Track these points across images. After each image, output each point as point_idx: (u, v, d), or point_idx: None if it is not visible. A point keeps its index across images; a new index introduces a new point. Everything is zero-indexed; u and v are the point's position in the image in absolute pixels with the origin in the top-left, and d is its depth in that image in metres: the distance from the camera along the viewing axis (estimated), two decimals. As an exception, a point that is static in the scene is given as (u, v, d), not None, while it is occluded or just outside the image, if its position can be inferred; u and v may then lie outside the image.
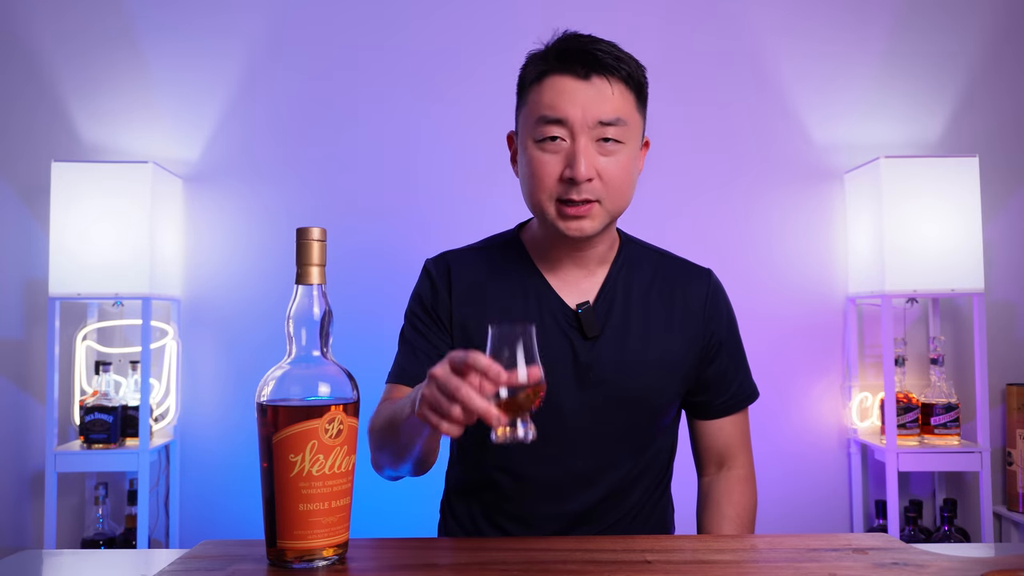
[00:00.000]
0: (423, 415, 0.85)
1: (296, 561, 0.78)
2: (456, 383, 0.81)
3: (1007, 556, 0.94)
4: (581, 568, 0.80)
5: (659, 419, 1.18)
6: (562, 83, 1.09)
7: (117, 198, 2.07)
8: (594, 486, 1.15)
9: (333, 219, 2.29)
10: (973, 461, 2.09)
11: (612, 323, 1.16)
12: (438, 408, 0.83)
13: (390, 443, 1.06)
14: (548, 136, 1.09)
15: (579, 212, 1.09)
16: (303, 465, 0.77)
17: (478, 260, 1.22)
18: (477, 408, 0.81)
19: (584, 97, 1.08)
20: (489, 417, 0.81)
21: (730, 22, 2.38)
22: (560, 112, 1.08)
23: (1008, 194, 2.36)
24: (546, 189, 1.10)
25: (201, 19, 2.34)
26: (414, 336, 1.19)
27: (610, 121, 1.08)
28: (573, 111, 1.08)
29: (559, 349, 1.13)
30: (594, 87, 1.09)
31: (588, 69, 1.09)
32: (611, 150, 1.09)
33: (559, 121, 1.08)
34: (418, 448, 1.01)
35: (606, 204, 1.10)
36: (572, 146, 1.08)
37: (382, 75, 2.35)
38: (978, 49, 2.37)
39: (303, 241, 0.81)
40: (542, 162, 1.09)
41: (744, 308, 1.28)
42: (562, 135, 1.09)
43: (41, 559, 1.00)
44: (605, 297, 1.17)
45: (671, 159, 2.32)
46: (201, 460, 2.29)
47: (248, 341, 2.30)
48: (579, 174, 1.06)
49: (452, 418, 0.82)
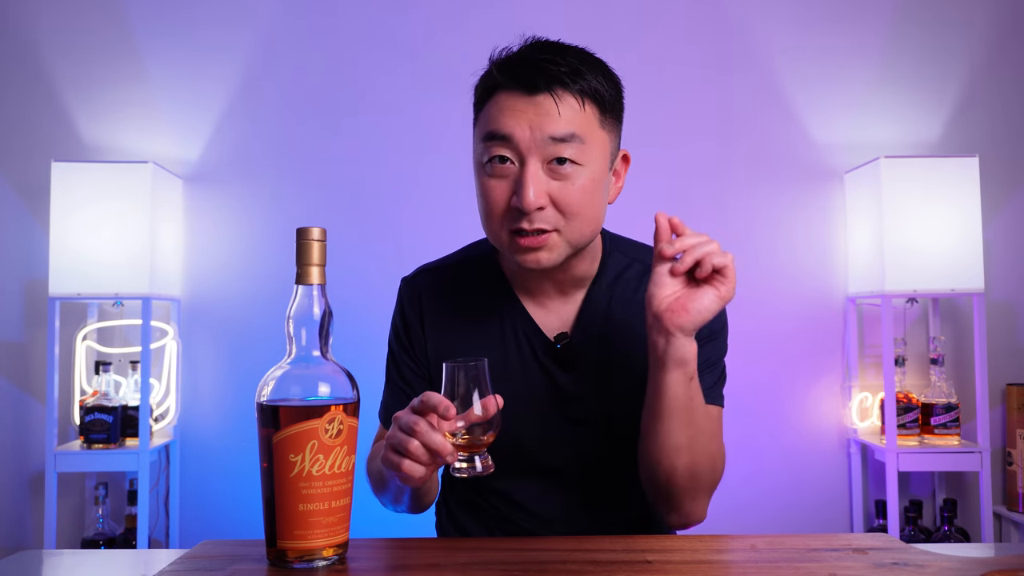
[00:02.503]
0: (387, 458, 0.87)
1: (296, 561, 0.78)
2: (414, 420, 0.84)
3: (1007, 556, 0.94)
4: (581, 568, 0.80)
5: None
6: (505, 99, 0.98)
7: (117, 198, 2.07)
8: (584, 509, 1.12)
9: (333, 219, 2.29)
10: (973, 461, 2.09)
11: (591, 354, 1.08)
12: (399, 447, 0.85)
13: (384, 491, 1.06)
14: (495, 156, 0.97)
15: (532, 243, 0.97)
16: (303, 465, 0.77)
17: (452, 280, 1.14)
18: (432, 443, 0.84)
19: (532, 113, 0.96)
20: (443, 452, 0.84)
21: (730, 22, 2.38)
22: (505, 128, 0.96)
23: (1008, 194, 2.36)
24: (496, 218, 0.99)
25: (201, 19, 2.34)
26: (393, 372, 1.17)
27: (563, 137, 0.95)
28: (519, 129, 0.96)
29: (538, 379, 1.08)
30: (542, 102, 0.96)
31: (535, 83, 0.96)
32: (566, 173, 0.96)
33: (504, 139, 0.96)
34: (410, 492, 1.01)
35: (565, 234, 0.98)
36: (520, 170, 0.96)
37: (382, 75, 2.35)
38: (978, 48, 2.37)
39: (303, 241, 0.81)
40: (489, 188, 0.98)
41: (744, 308, 1.27)
42: (510, 156, 0.97)
43: (41, 559, 1.00)
44: (585, 323, 1.09)
45: (670, 159, 2.32)
46: (201, 460, 2.29)
47: (248, 341, 2.30)
48: (526, 202, 0.94)
49: (412, 455, 0.85)
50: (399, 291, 1.18)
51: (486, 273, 1.13)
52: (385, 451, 0.88)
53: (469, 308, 1.12)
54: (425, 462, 0.85)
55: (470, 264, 1.15)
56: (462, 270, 1.15)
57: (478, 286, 1.13)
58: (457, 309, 1.12)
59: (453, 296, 1.13)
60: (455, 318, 1.12)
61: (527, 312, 1.10)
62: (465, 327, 1.11)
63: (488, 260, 1.14)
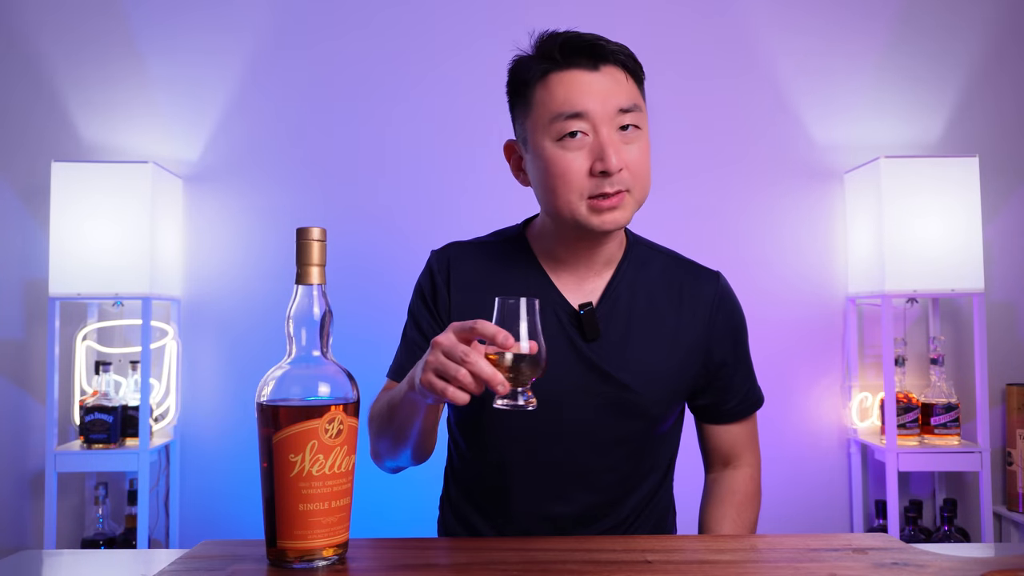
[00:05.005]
0: (428, 382, 0.88)
1: (296, 561, 0.78)
2: (464, 349, 0.86)
3: (1007, 556, 0.94)
4: (581, 568, 0.80)
5: (659, 423, 1.17)
6: (572, 76, 1.06)
7: (117, 198, 2.07)
8: (591, 489, 1.14)
9: (333, 219, 2.29)
10: (973, 461, 2.09)
11: (614, 326, 1.14)
12: (444, 374, 0.86)
13: (389, 427, 1.07)
14: (568, 132, 1.05)
15: (615, 203, 1.06)
16: (303, 465, 0.77)
17: (481, 254, 1.20)
18: (483, 372, 0.85)
19: (600, 88, 1.06)
20: (495, 382, 0.85)
21: (730, 21, 2.38)
22: (578, 106, 1.05)
23: (1008, 194, 2.36)
24: (576, 188, 1.06)
25: (201, 19, 2.34)
26: (414, 334, 1.19)
27: (628, 108, 1.07)
28: (592, 103, 1.05)
29: (560, 348, 1.12)
30: (607, 76, 1.07)
31: (596, 60, 1.07)
32: (632, 137, 1.08)
33: (578, 115, 1.05)
34: (417, 427, 1.01)
35: (634, 193, 1.08)
36: (596, 139, 1.05)
37: (383, 74, 2.35)
38: (978, 48, 2.37)
39: (303, 241, 0.81)
40: (567, 161, 1.06)
41: (744, 308, 1.27)
42: (583, 129, 1.06)
43: (41, 559, 1.00)
44: (609, 298, 1.15)
45: (670, 159, 2.32)
46: (201, 460, 2.29)
47: (248, 341, 2.30)
48: (611, 165, 1.04)
49: (459, 382, 0.85)
50: (428, 261, 1.23)
51: (516, 250, 1.19)
52: (425, 374, 0.88)
53: (496, 277, 1.17)
54: (472, 390, 0.86)
55: (501, 242, 1.22)
56: (492, 246, 1.21)
57: (507, 260, 1.19)
58: (484, 276, 1.17)
59: (481, 265, 1.19)
60: (481, 284, 1.17)
61: (554, 284, 1.16)
62: (491, 292, 1.15)
63: (519, 240, 1.20)
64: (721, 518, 1.21)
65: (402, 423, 1.02)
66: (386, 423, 1.07)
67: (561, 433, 1.12)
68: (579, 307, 1.13)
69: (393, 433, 1.06)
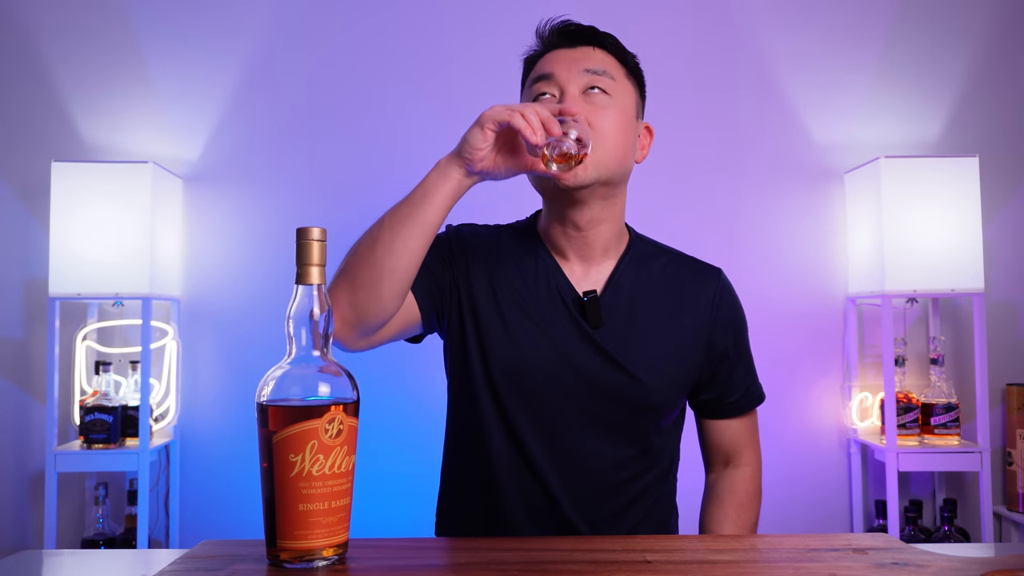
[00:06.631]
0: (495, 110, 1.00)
1: (296, 561, 0.78)
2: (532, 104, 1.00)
3: (1007, 556, 0.94)
4: (581, 568, 0.80)
5: (660, 415, 1.18)
6: (554, 52, 1.16)
7: (117, 198, 2.07)
8: (590, 481, 1.14)
9: (333, 219, 2.29)
10: (973, 461, 2.09)
11: (617, 315, 1.15)
12: (514, 108, 0.99)
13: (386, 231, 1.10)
14: (539, 93, 1.13)
15: None
16: (303, 465, 0.77)
17: (494, 234, 1.25)
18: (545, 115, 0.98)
19: (571, 55, 1.14)
20: (551, 124, 0.98)
21: (730, 21, 2.38)
22: (547, 69, 1.13)
23: (1008, 194, 2.36)
24: None
25: (201, 19, 2.34)
26: None
27: (595, 70, 1.11)
28: (559, 66, 1.13)
29: (564, 332, 1.14)
30: (583, 50, 1.14)
31: (576, 40, 1.15)
32: (600, 102, 1.11)
33: (547, 77, 1.12)
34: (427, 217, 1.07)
35: (598, 153, 1.08)
36: (561, 97, 1.11)
37: (383, 74, 2.35)
38: (978, 48, 2.37)
39: (303, 241, 0.81)
40: None
41: (744, 308, 1.27)
42: (551, 91, 1.12)
43: (41, 559, 1.00)
44: (612, 288, 1.17)
45: (671, 159, 2.32)
46: (201, 460, 2.29)
47: (248, 341, 2.30)
48: (568, 107, 1.05)
49: (525, 117, 0.97)
50: (447, 225, 1.27)
51: (525, 236, 1.23)
52: (493, 110, 1.01)
53: (507, 258, 1.20)
54: (534, 126, 0.97)
55: (510, 228, 1.26)
56: (502, 231, 1.26)
57: (517, 243, 1.22)
58: (495, 251, 1.21)
59: (493, 243, 1.22)
60: (493, 262, 1.19)
61: (561, 269, 1.18)
62: (500, 272, 1.19)
63: (528, 228, 1.24)
64: (722, 518, 1.21)
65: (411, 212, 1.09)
66: (385, 228, 1.11)
67: (563, 420, 1.13)
68: (583, 294, 1.15)
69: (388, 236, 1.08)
